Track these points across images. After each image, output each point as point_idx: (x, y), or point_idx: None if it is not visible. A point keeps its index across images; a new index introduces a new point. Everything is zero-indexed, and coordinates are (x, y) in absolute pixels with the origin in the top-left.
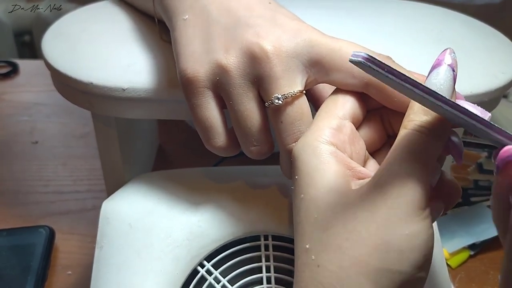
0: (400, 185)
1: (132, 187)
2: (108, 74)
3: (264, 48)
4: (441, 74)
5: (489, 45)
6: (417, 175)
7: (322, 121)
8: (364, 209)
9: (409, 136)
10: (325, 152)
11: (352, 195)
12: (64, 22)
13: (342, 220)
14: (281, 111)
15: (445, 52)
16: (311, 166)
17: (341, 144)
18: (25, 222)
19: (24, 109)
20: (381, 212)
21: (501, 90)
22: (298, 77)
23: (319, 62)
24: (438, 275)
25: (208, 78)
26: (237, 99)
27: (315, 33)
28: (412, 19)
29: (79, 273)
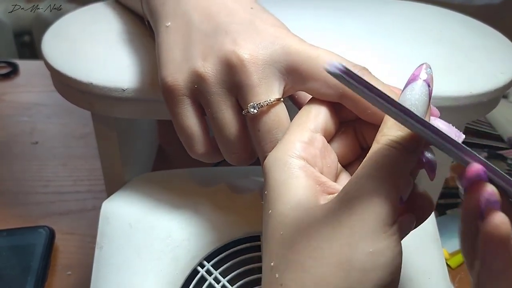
0: (366, 201)
1: (132, 187)
2: (108, 74)
3: (240, 56)
4: (416, 89)
5: (488, 45)
6: (385, 191)
7: (294, 134)
8: (328, 226)
9: (380, 151)
10: (295, 167)
11: (318, 211)
12: (64, 22)
13: (307, 237)
14: (258, 120)
15: (421, 67)
16: (280, 181)
17: (312, 158)
18: (25, 222)
19: (24, 110)
20: (345, 229)
21: (501, 90)
22: (275, 85)
23: (295, 70)
24: (438, 275)
25: (186, 86)
26: (215, 107)
27: (293, 40)
28: (412, 19)
29: (79, 273)
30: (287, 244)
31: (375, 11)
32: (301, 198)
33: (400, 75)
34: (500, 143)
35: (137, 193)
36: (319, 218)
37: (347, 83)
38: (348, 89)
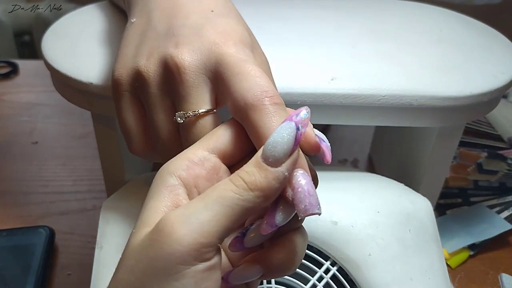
0: (167, 233)
1: (132, 187)
2: (108, 74)
3: (175, 60)
4: (284, 129)
5: (488, 45)
6: (199, 223)
7: (190, 150)
8: (134, 256)
9: (218, 184)
10: (164, 185)
11: (140, 237)
12: (64, 22)
13: (122, 265)
14: (186, 129)
15: (299, 110)
16: (149, 197)
17: (193, 178)
18: (25, 222)
19: (24, 110)
20: (143, 261)
21: (501, 90)
22: (205, 95)
23: (221, 82)
24: (438, 275)
25: (129, 83)
26: (150, 108)
27: (231, 50)
28: (412, 19)
29: (79, 273)
30: (116, 270)
31: (375, 11)
32: (144, 222)
33: (400, 75)
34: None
35: (137, 193)
36: (134, 249)
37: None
38: (253, 120)
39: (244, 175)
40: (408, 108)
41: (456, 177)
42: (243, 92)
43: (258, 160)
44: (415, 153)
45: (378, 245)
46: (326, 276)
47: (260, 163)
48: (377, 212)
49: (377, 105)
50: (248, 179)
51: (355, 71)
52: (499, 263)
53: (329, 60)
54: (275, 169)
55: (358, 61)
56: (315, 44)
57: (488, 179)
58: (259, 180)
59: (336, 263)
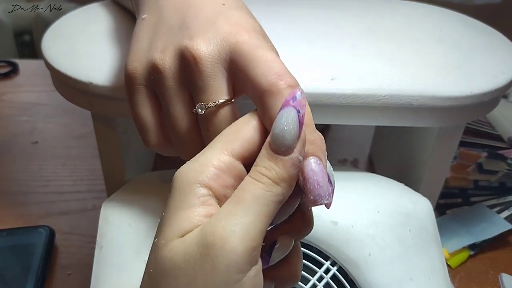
0: (218, 247)
1: (132, 187)
2: (108, 74)
3: (191, 51)
4: (285, 116)
5: (489, 45)
6: (241, 232)
7: (212, 154)
8: (184, 272)
9: (245, 184)
10: (195, 196)
11: (184, 247)
12: (64, 22)
13: (167, 282)
14: (207, 120)
15: (293, 93)
16: (175, 206)
17: (222, 189)
18: (25, 222)
19: (24, 109)
20: (199, 281)
21: (501, 90)
22: (223, 85)
23: (237, 70)
24: (438, 275)
25: (144, 76)
26: (168, 100)
27: (245, 38)
28: (412, 19)
29: (79, 273)
30: (153, 286)
31: (375, 11)
32: (177, 232)
33: (400, 75)
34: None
35: (137, 193)
36: (178, 263)
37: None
38: (270, 106)
39: (265, 171)
40: (408, 108)
41: (456, 177)
42: (258, 79)
43: (270, 153)
44: (415, 153)
45: (378, 245)
46: (326, 276)
47: (272, 155)
48: (377, 212)
49: (377, 105)
50: (270, 174)
51: (355, 71)
52: (499, 263)
53: (329, 60)
54: (289, 157)
55: (358, 61)
56: (315, 44)
57: (488, 179)
58: (280, 172)
59: (336, 263)
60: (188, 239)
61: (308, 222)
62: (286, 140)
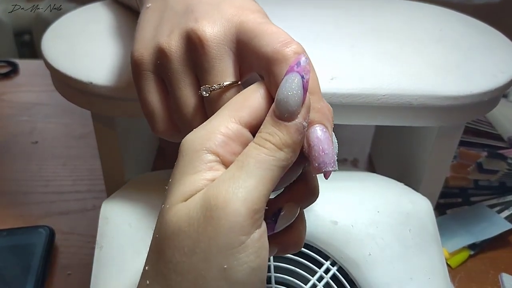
0: (221, 209)
1: (132, 187)
2: (108, 74)
3: (197, 33)
4: (289, 81)
5: (489, 45)
6: (243, 195)
7: (220, 122)
8: (189, 238)
9: (249, 149)
10: (202, 161)
11: (186, 211)
12: (64, 22)
13: (172, 248)
14: (212, 102)
15: (298, 58)
16: (182, 171)
17: (229, 155)
18: (25, 222)
19: (24, 109)
20: (202, 243)
21: (501, 90)
22: (229, 67)
23: (243, 48)
24: (438, 275)
25: (151, 62)
26: (174, 84)
27: (250, 17)
28: (412, 18)
29: (79, 273)
30: (158, 251)
31: (375, 10)
32: (181, 196)
33: (400, 75)
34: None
35: (137, 193)
36: (182, 227)
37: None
38: (277, 74)
39: (268, 137)
40: (408, 107)
41: (456, 176)
42: (264, 48)
43: (274, 119)
44: (415, 152)
45: (378, 245)
46: (326, 276)
47: (276, 121)
48: (377, 212)
49: (377, 104)
50: (273, 139)
51: (355, 71)
52: (499, 263)
53: (329, 59)
54: (293, 123)
55: (358, 60)
56: (315, 44)
57: (488, 179)
58: (283, 137)
59: (336, 263)
60: (192, 203)
61: (312, 190)
62: (289, 106)
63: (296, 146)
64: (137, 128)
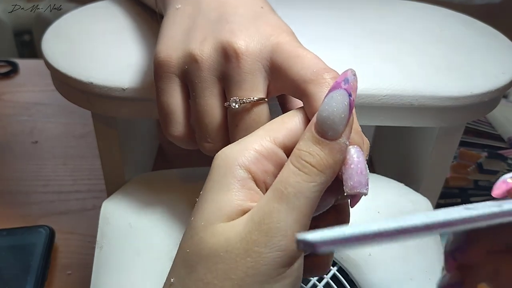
0: (265, 240)
1: (132, 187)
2: (108, 74)
3: (234, 46)
4: (335, 98)
5: (489, 45)
6: (285, 228)
7: (255, 139)
8: (225, 263)
9: (289, 174)
10: (235, 177)
11: (225, 236)
12: (64, 22)
13: (205, 268)
14: (238, 115)
15: (345, 74)
16: (214, 186)
17: (261, 173)
18: (25, 222)
19: (24, 109)
20: (239, 271)
21: (501, 90)
22: (260, 83)
23: (277, 68)
24: (438, 275)
25: (178, 65)
26: (200, 92)
27: (285, 39)
28: (413, 19)
29: (79, 273)
30: (189, 266)
31: (375, 11)
32: (218, 215)
33: (400, 75)
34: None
35: (137, 193)
36: (219, 251)
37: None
38: (312, 93)
39: (309, 158)
40: (409, 108)
41: (456, 177)
42: (302, 71)
43: (316, 136)
44: (415, 153)
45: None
46: (326, 276)
47: (319, 139)
48: (377, 212)
49: (377, 105)
50: (315, 161)
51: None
52: None
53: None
54: (337, 142)
55: (359, 61)
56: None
57: (488, 179)
58: (325, 158)
59: (336, 263)
60: (232, 233)
61: (342, 222)
62: (335, 124)
63: (337, 167)
64: (137, 128)
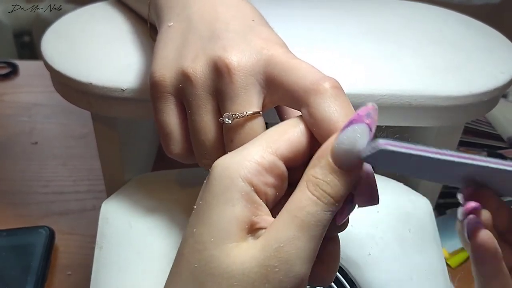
0: (284, 271)
1: (132, 187)
2: (107, 75)
3: (225, 61)
4: (358, 131)
5: (488, 45)
6: (308, 253)
7: (256, 150)
8: (241, 284)
9: (307, 204)
10: (237, 191)
11: (241, 259)
12: (64, 22)
13: (217, 286)
14: (233, 130)
15: (367, 109)
16: (215, 200)
17: (263, 186)
18: (25, 222)
19: (23, 110)
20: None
21: (500, 90)
22: (254, 97)
23: (273, 80)
24: (438, 275)
25: (172, 84)
26: (195, 109)
27: (278, 51)
28: (412, 19)
29: (79, 273)
30: (197, 283)
31: (375, 11)
32: (228, 234)
33: (400, 75)
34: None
35: (137, 193)
36: (234, 273)
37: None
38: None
39: (326, 188)
40: (408, 108)
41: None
42: (301, 80)
43: (332, 165)
44: None
45: (378, 245)
46: None
47: (335, 169)
48: (377, 212)
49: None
50: (333, 192)
51: (354, 71)
52: None
53: (329, 60)
54: (354, 174)
55: (358, 61)
56: (314, 44)
57: None
58: (341, 190)
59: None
60: (247, 256)
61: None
62: (353, 158)
63: (347, 194)
64: (137, 128)
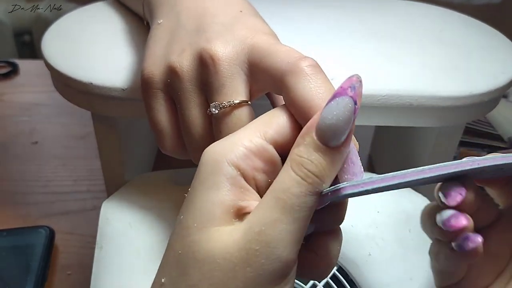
0: (266, 254)
1: (132, 187)
2: (108, 74)
3: (209, 52)
4: (341, 105)
5: (489, 45)
6: (291, 236)
7: (243, 135)
8: (223, 271)
9: (291, 185)
10: (224, 175)
11: (223, 243)
12: (64, 22)
13: (199, 273)
14: (220, 120)
15: (350, 80)
16: (202, 185)
17: (251, 171)
18: (25, 222)
19: (23, 110)
20: (238, 278)
21: (501, 90)
22: (240, 86)
23: (256, 66)
24: None
25: (161, 80)
26: (184, 104)
27: (261, 39)
28: (412, 18)
29: (79, 273)
30: (181, 269)
31: (375, 11)
32: (210, 219)
33: (400, 75)
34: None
35: (137, 193)
36: (216, 257)
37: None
38: (290, 85)
39: (311, 167)
40: (408, 108)
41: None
42: (278, 64)
43: (317, 143)
44: (415, 153)
45: (378, 245)
46: None
47: (320, 146)
48: (377, 212)
49: (377, 105)
50: (317, 171)
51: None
52: None
53: (329, 60)
54: (339, 152)
55: (358, 61)
56: (314, 44)
57: None
58: (327, 168)
59: (336, 263)
60: (229, 240)
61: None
62: (339, 133)
63: (335, 175)
64: (137, 128)
